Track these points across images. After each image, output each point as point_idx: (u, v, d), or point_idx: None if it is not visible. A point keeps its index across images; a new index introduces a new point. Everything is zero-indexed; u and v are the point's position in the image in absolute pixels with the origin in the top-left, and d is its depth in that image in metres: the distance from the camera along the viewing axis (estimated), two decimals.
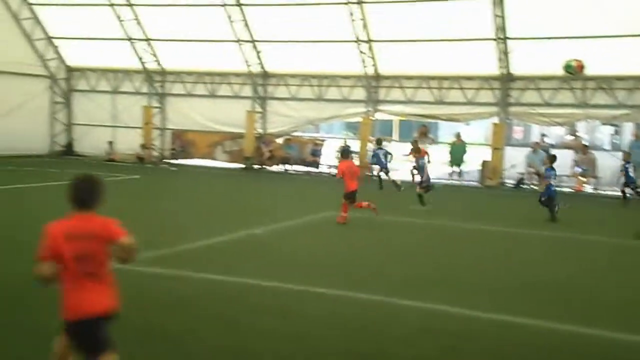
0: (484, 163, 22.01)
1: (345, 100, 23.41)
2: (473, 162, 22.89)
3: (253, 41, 23.26)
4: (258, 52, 23.60)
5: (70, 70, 26.48)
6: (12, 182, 16.59)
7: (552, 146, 23.84)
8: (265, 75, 24.31)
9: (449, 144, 23.38)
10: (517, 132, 34.61)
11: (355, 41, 21.75)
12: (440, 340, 6.04)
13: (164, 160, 25.60)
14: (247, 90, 24.54)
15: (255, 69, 24.02)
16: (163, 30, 23.98)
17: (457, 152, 22.41)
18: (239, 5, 22.27)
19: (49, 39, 25.29)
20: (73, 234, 3.90)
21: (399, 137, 32.42)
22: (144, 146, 25.38)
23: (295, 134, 25.10)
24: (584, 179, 20.37)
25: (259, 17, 22.54)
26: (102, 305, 3.94)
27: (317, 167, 23.77)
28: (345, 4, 20.96)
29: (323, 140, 26.50)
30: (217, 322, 6.32)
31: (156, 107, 25.77)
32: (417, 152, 15.20)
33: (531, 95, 21.11)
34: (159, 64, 25.31)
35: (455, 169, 22.49)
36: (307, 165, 23.89)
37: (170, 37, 24.16)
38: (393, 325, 6.42)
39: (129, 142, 25.55)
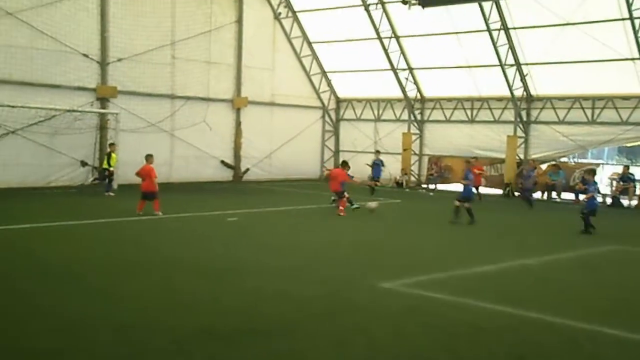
0: None
1: (624, 122, 21.08)
2: None
3: (518, 64, 22.48)
4: (523, 76, 22.71)
5: (339, 100, 28.92)
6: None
7: None
8: (530, 98, 23.25)
9: None
10: None
11: (639, 58, 19.46)
12: None
13: (422, 185, 26.14)
14: (509, 115, 23.76)
15: (519, 92, 23.14)
16: (424, 59, 24.76)
17: None
18: (505, 29, 21.77)
19: (324, 73, 28.04)
20: None
21: None
22: (403, 171, 26.29)
23: (562, 159, 23.43)
24: None
25: (526, 39, 21.77)
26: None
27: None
28: (627, 19, 18.94)
29: (597, 166, 24.17)
30: (508, 357, 6.10)
31: (415, 134, 26.53)
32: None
33: None
34: (419, 91, 26.10)
35: None
36: (576, 194, 21.94)
37: (431, 65, 24.80)
38: None
39: (389, 167, 26.73)
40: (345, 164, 17.12)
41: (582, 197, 15.12)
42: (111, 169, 18.77)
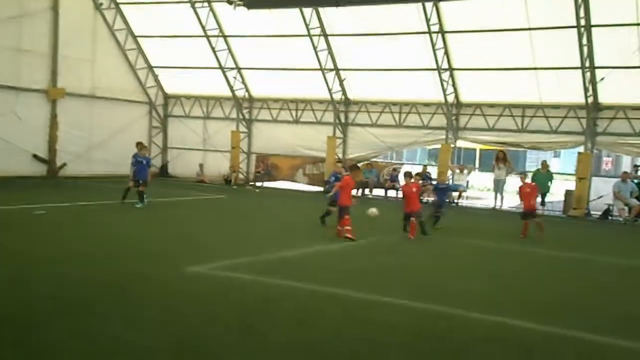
0: (567, 193, 21.49)
1: (425, 127, 23.72)
2: (559, 193, 22.42)
3: (337, 69, 24.14)
4: (341, 80, 24.44)
5: (167, 97, 28.50)
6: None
7: None
8: (347, 102, 25.09)
9: (532, 172, 22.86)
10: (607, 163, 33.28)
11: (436, 69, 22.07)
12: (504, 349, 6.24)
13: (250, 182, 26.83)
14: (329, 117, 25.39)
15: (338, 96, 24.85)
16: (252, 59, 25.46)
17: (542, 181, 21.63)
18: (324, 35, 23.27)
19: (150, 68, 27.44)
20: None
21: (480, 166, 32.01)
22: (232, 169, 26.73)
23: (375, 159, 25.61)
24: None
25: (343, 46, 23.45)
26: None
27: (396, 192, 24.06)
28: (426, 33, 21.39)
29: (401, 165, 26.87)
30: (290, 321, 6.83)
31: (243, 132, 27.14)
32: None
33: (620, 125, 20.58)
34: (247, 91, 26.77)
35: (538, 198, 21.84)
36: (386, 190, 24.28)
37: (258, 65, 25.57)
38: (458, 334, 6.69)
39: (217, 165, 27.06)
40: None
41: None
42: None
